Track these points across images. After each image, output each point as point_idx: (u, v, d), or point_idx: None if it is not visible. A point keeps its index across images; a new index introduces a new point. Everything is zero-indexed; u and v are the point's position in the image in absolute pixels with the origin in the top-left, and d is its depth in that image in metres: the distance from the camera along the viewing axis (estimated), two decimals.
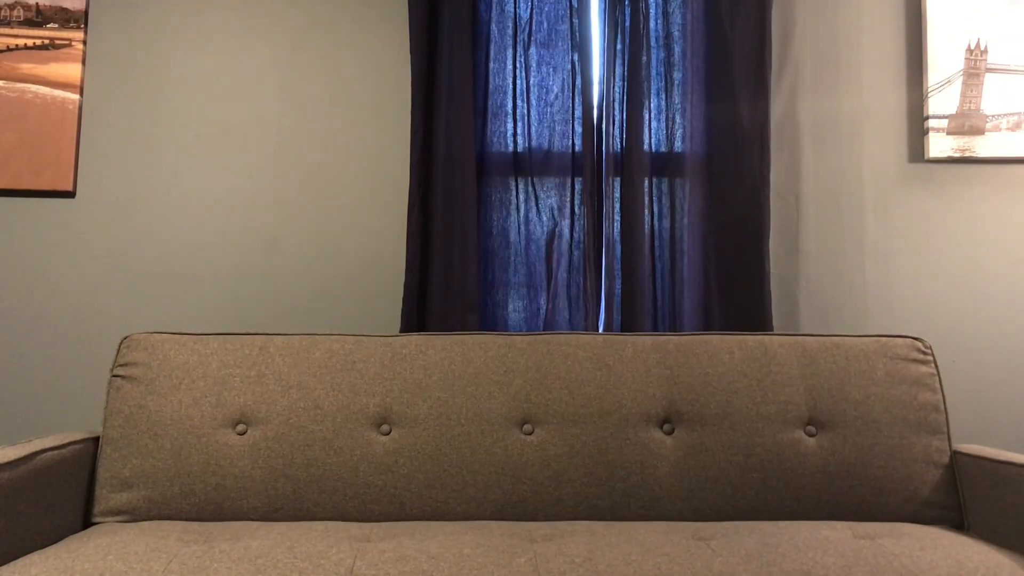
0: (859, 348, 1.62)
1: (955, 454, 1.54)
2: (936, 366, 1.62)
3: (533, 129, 2.04)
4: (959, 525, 1.51)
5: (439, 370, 1.59)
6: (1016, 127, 2.06)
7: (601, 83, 2.03)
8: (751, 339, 1.64)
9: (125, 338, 1.63)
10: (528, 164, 2.03)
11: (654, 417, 1.56)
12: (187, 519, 1.48)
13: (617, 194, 2.02)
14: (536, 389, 1.57)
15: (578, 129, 2.03)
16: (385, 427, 1.55)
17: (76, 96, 2.06)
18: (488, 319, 2.01)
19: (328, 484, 1.51)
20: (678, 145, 2.03)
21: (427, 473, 1.52)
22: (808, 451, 1.54)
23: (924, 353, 1.62)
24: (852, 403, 1.57)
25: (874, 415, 1.56)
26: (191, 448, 1.51)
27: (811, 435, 1.56)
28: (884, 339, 1.65)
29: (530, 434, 1.55)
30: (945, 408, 1.58)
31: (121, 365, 1.58)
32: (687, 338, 1.64)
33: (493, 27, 2.05)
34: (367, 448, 1.53)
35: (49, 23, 2.07)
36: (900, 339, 1.64)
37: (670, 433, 1.56)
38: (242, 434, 1.54)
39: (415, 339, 1.64)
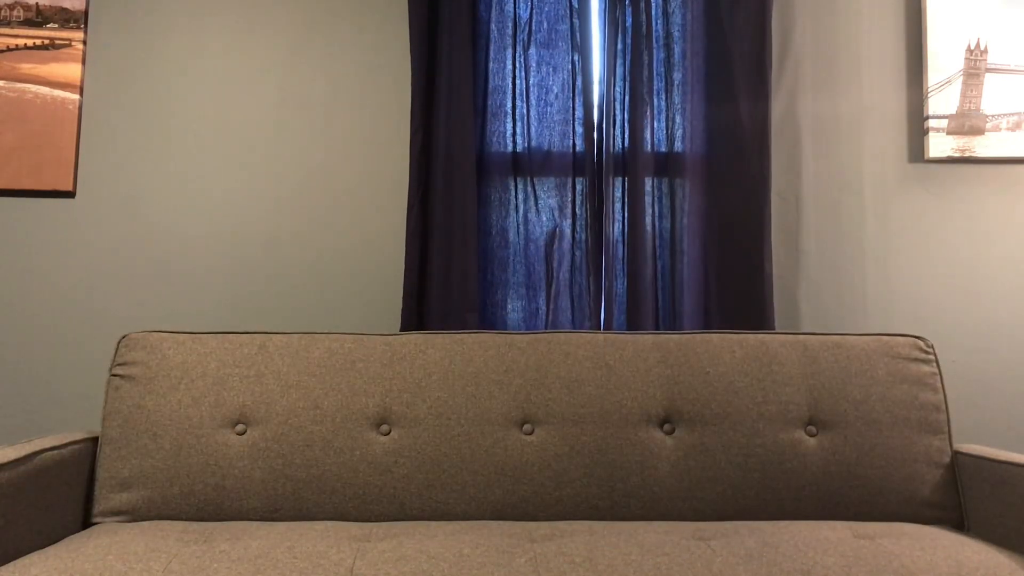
0: (860, 347, 1.62)
1: (956, 454, 1.54)
2: (938, 365, 1.61)
3: (533, 129, 2.04)
4: (959, 525, 1.51)
5: (439, 369, 1.58)
6: (1016, 127, 2.06)
7: (601, 83, 2.03)
8: (752, 338, 1.64)
9: (124, 337, 1.61)
10: (527, 164, 2.03)
11: (654, 417, 1.56)
12: (187, 519, 1.48)
13: (618, 194, 2.02)
14: (536, 388, 1.57)
15: (578, 129, 2.03)
16: (385, 427, 1.55)
17: (76, 96, 2.06)
18: (487, 319, 2.02)
19: (328, 485, 1.50)
20: (678, 145, 2.03)
21: (427, 473, 1.51)
22: (809, 451, 1.54)
23: (926, 352, 1.62)
24: (853, 403, 1.56)
25: (875, 415, 1.55)
26: (190, 448, 1.51)
27: (812, 435, 1.55)
28: (885, 338, 1.64)
29: (530, 434, 1.55)
30: (947, 408, 1.58)
31: (120, 364, 1.58)
32: (688, 336, 1.64)
33: (493, 27, 2.05)
34: (367, 448, 1.53)
35: (49, 23, 2.07)
36: (902, 338, 1.64)
37: (670, 433, 1.56)
38: (241, 434, 1.53)
39: (415, 338, 1.63)
